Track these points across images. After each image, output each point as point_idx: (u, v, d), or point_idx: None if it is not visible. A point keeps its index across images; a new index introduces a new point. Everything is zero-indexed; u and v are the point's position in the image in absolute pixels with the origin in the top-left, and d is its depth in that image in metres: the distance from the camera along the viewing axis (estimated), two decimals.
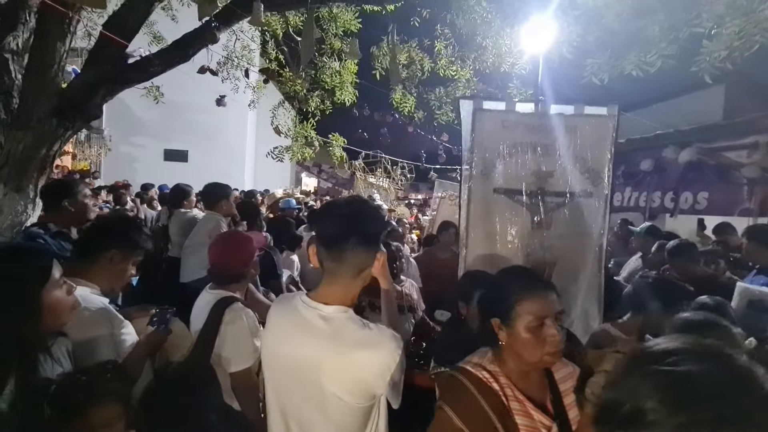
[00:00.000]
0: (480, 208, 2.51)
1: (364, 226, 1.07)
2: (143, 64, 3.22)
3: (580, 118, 2.54)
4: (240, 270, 1.64)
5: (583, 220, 2.49)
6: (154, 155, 13.15)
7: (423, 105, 5.27)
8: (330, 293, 1.10)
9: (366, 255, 1.09)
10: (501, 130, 2.50)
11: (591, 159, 2.50)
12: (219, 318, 1.48)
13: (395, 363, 1.04)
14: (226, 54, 5.64)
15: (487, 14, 4.56)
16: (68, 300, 1.16)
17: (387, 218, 1.29)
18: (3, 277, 1.04)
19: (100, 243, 1.44)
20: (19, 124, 2.75)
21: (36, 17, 3.01)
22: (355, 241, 1.06)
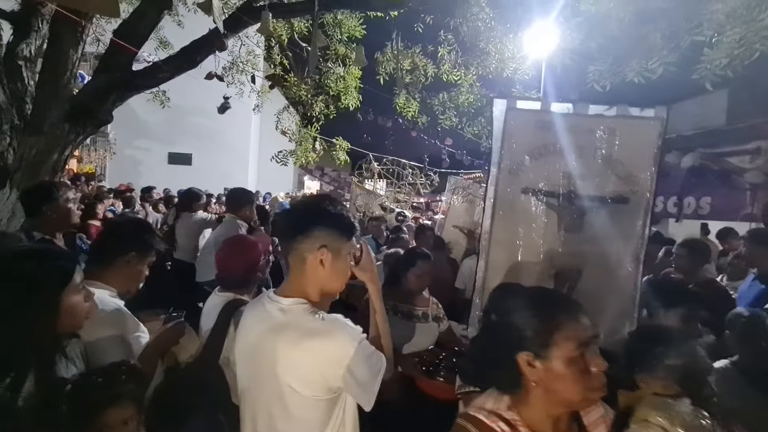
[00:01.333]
0: (506, 208, 2.39)
1: (303, 216, 1.12)
2: (153, 71, 3.29)
3: (621, 120, 2.39)
4: (246, 275, 1.67)
5: (617, 226, 2.31)
6: (159, 158, 13.25)
7: (426, 110, 5.32)
8: (289, 287, 1.13)
9: (306, 243, 1.09)
10: (534, 130, 2.39)
11: (630, 163, 2.34)
12: (227, 321, 1.51)
13: (349, 355, 1.02)
14: (231, 59, 5.72)
15: (490, 20, 4.61)
16: (84, 306, 1.18)
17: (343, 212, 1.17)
18: (26, 278, 1.06)
19: (116, 246, 1.48)
20: (31, 130, 2.82)
21: (48, 25, 3.08)
22: (293, 231, 1.10)
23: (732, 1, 2.22)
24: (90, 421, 1.12)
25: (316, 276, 1.10)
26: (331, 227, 1.10)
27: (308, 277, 1.11)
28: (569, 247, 2.33)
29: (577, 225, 2.33)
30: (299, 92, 5.48)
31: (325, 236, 1.09)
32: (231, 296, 1.61)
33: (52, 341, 1.11)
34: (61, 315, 1.09)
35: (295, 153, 6.24)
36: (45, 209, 2.01)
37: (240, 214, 2.88)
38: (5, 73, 2.92)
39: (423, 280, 2.26)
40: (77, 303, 1.15)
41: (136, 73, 3.25)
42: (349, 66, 5.35)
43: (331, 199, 1.17)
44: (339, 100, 5.44)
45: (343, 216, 1.13)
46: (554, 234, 2.36)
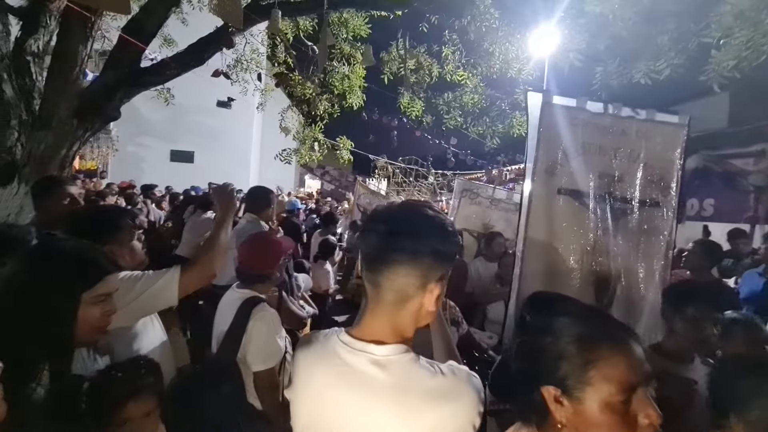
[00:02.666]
0: (542, 208, 2.28)
1: (410, 236, 0.78)
2: (161, 68, 3.30)
3: (650, 124, 2.39)
4: (266, 271, 1.67)
5: (650, 230, 2.31)
6: (161, 156, 13.26)
7: (431, 109, 5.34)
8: (379, 328, 0.81)
9: (415, 276, 0.78)
10: (570, 127, 2.30)
11: (659, 167, 2.34)
12: (246, 318, 1.51)
13: (479, 414, 0.77)
14: (235, 57, 5.73)
15: (495, 20, 4.63)
16: (97, 321, 1.09)
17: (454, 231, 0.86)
18: (48, 278, 1.03)
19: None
20: (40, 125, 2.82)
21: (57, 21, 3.09)
22: (393, 256, 0.77)
23: (740, 3, 2.24)
24: (113, 415, 1.13)
25: (420, 316, 0.81)
26: (448, 252, 0.80)
27: (411, 317, 0.81)
28: (607, 252, 2.25)
29: (613, 229, 2.27)
30: (304, 91, 5.49)
31: (440, 265, 0.79)
32: (249, 293, 1.61)
33: (67, 344, 1.06)
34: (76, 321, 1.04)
35: (299, 151, 6.25)
36: (48, 204, 2.01)
37: (262, 215, 2.82)
38: (13, 69, 2.93)
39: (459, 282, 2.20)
40: (90, 315, 1.07)
41: (143, 69, 3.26)
42: (354, 65, 5.36)
43: (435, 209, 0.85)
44: (344, 99, 5.46)
45: (455, 234, 0.84)
46: (592, 238, 2.27)
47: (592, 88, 3.10)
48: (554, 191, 2.29)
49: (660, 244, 2.31)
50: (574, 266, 2.24)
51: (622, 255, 2.26)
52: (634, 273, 2.26)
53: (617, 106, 2.39)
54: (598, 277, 2.22)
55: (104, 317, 1.10)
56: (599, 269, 2.23)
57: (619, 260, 2.25)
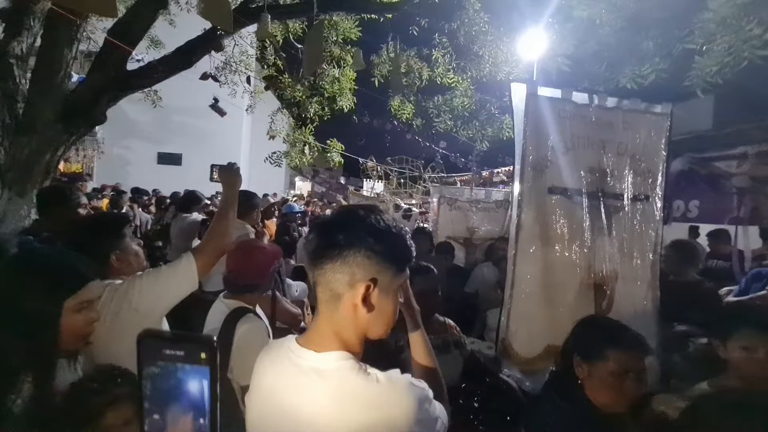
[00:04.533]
0: (533, 209, 2.14)
1: (343, 232, 0.78)
2: (148, 70, 3.25)
3: (636, 114, 2.29)
4: (255, 281, 1.64)
5: (641, 226, 2.22)
6: (148, 158, 13.05)
7: (421, 113, 5.36)
8: (321, 334, 0.81)
9: (344, 273, 0.78)
10: (557, 120, 2.16)
11: (646, 159, 2.26)
12: (232, 330, 1.48)
13: (416, 423, 0.77)
14: (224, 59, 5.68)
15: (485, 24, 4.67)
16: (81, 329, 1.08)
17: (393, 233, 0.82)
18: (29, 288, 1.02)
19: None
20: (24, 130, 2.76)
21: (42, 23, 3.03)
22: (326, 253, 0.78)
23: (722, 11, 2.29)
24: (92, 425, 1.10)
25: (358, 319, 0.80)
26: (383, 252, 0.79)
27: (346, 320, 0.80)
28: (602, 253, 2.14)
29: (607, 227, 2.16)
30: (294, 93, 5.46)
31: (373, 265, 0.78)
32: (235, 304, 1.58)
33: (50, 352, 1.05)
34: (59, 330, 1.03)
35: (289, 154, 6.22)
36: (58, 210, 2.07)
37: (248, 219, 2.79)
38: None
39: (429, 300, 1.67)
40: (72, 323, 1.06)
41: (130, 72, 3.21)
42: (344, 68, 5.36)
43: (379, 212, 0.84)
44: (334, 102, 5.45)
45: (399, 236, 0.83)
46: (587, 238, 2.15)
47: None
48: (544, 190, 2.16)
49: (652, 238, 2.25)
50: (571, 269, 2.14)
51: (618, 254, 2.17)
52: (630, 272, 2.19)
53: (602, 96, 2.32)
54: (596, 279, 2.13)
55: (87, 324, 1.09)
56: (596, 271, 2.14)
57: (616, 260, 2.16)
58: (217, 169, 1.75)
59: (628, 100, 2.35)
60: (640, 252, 2.22)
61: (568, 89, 2.30)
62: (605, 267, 2.14)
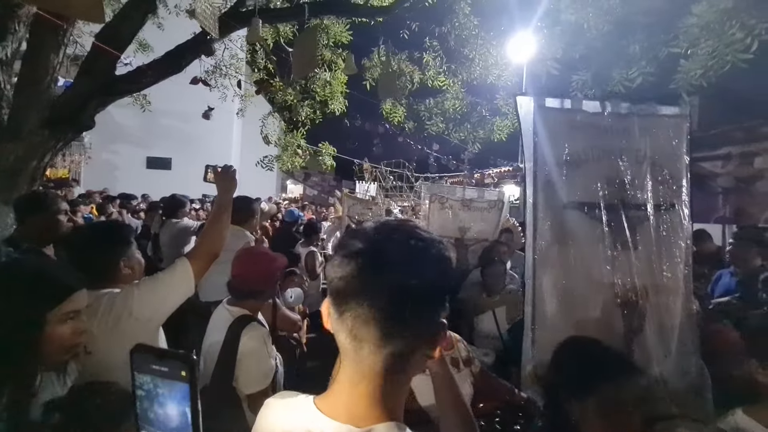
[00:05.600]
0: (549, 227, 2.02)
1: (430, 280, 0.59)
2: (137, 75, 3.21)
3: (653, 119, 2.18)
4: (260, 287, 1.64)
5: (669, 237, 2.07)
6: (136, 163, 12.88)
7: (413, 115, 5.38)
8: (355, 398, 0.60)
9: (426, 331, 0.60)
10: (568, 132, 2.08)
11: (668, 165, 2.12)
12: (237, 339, 1.48)
13: None
14: (214, 63, 5.64)
15: (474, 28, 4.72)
16: (67, 340, 1.06)
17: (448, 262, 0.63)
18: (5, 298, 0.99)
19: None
20: (9, 136, 2.70)
21: (28, 28, 2.97)
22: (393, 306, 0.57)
23: (706, 16, 2.35)
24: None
25: (406, 383, 0.64)
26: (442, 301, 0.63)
27: (406, 384, 0.64)
28: (628, 268, 2.00)
29: (632, 240, 2.02)
30: (285, 97, 5.45)
31: (443, 315, 0.62)
32: (239, 311, 1.58)
33: (31, 367, 1.03)
34: (42, 342, 1.01)
35: (281, 158, 6.19)
36: (36, 219, 2.00)
37: (247, 226, 2.76)
38: None
39: None
40: (59, 334, 1.03)
41: (119, 77, 3.16)
42: (336, 71, 5.36)
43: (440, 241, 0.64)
44: (326, 106, 5.44)
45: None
46: (611, 254, 2.00)
47: (569, 95, 3.19)
48: (560, 207, 2.04)
49: (682, 249, 2.07)
50: (596, 288, 2.00)
51: (646, 268, 2.02)
52: (661, 287, 2.02)
53: (615, 102, 2.20)
54: (624, 298, 1.98)
55: (75, 335, 1.07)
56: (623, 288, 1.99)
57: (644, 275, 2.00)
58: (211, 170, 1.75)
59: (644, 104, 2.25)
60: (669, 264, 2.04)
61: (578, 98, 2.29)
62: (633, 283, 1.99)
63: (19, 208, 2.19)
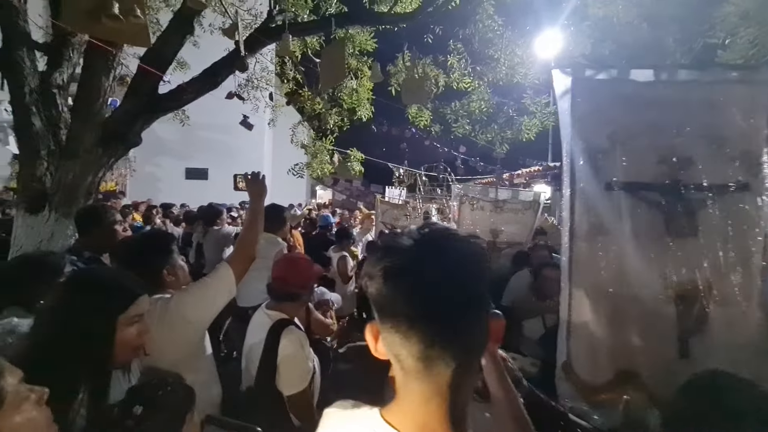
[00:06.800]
0: (588, 211, 1.81)
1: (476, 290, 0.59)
2: (177, 93, 3.43)
3: (721, 87, 1.84)
4: (297, 290, 1.72)
5: (740, 222, 1.74)
6: (176, 174, 13.60)
7: (439, 119, 5.40)
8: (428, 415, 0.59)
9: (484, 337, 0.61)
10: (614, 106, 1.83)
11: (741, 139, 1.78)
12: (276, 341, 1.57)
13: None
14: (246, 77, 5.89)
15: (499, 28, 4.69)
16: (134, 341, 1.16)
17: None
18: (83, 305, 1.11)
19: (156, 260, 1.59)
20: (67, 155, 2.97)
21: (81, 55, 3.26)
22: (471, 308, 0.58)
23: (744, 4, 2.26)
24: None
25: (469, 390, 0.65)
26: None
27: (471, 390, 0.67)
28: (685, 258, 1.73)
29: (689, 226, 1.74)
30: (314, 106, 5.61)
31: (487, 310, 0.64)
32: (277, 315, 1.66)
33: (107, 365, 1.14)
34: (114, 344, 1.12)
35: (311, 165, 6.36)
36: (95, 230, 2.20)
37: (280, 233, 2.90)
38: (41, 102, 3.09)
39: None
40: (126, 336, 1.14)
41: (161, 96, 3.39)
42: (362, 78, 5.47)
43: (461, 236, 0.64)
44: (353, 113, 5.56)
45: None
46: (662, 241, 1.74)
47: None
48: (601, 187, 1.81)
49: (756, 238, 1.74)
50: (642, 280, 1.74)
51: (709, 259, 1.72)
52: (728, 282, 1.72)
53: (671, 69, 1.90)
54: (679, 292, 1.72)
55: (140, 336, 1.18)
56: (678, 281, 1.72)
57: (705, 268, 1.72)
58: (241, 179, 1.88)
59: (713, 69, 1.96)
60: (740, 255, 1.72)
61: (627, 65, 1.95)
62: (690, 276, 1.72)
63: (79, 220, 2.42)
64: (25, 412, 0.75)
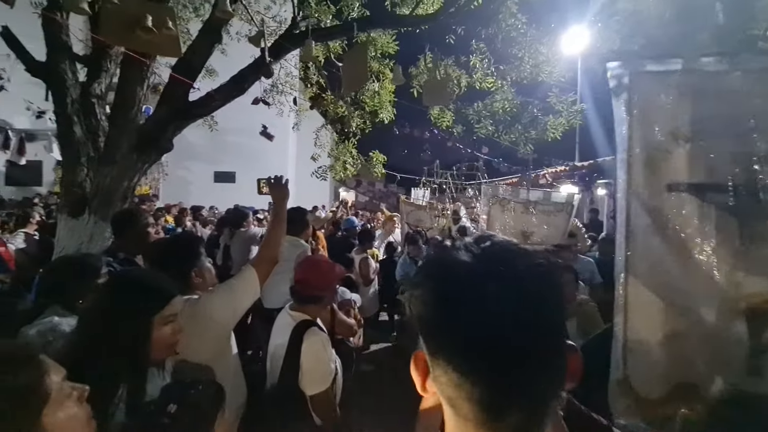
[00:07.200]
0: (646, 214, 1.68)
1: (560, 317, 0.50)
2: (206, 100, 3.56)
3: None
4: (320, 292, 1.74)
5: None
6: (206, 177, 14.07)
7: (461, 119, 5.35)
8: None
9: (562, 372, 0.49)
10: (678, 100, 1.69)
11: None
12: (299, 342, 1.60)
13: None
14: (271, 82, 6.04)
15: (523, 26, 4.60)
16: (168, 339, 1.22)
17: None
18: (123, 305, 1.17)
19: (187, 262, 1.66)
20: (105, 161, 3.13)
21: (118, 65, 3.43)
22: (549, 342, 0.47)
23: None
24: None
25: None
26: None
27: None
28: (760, 266, 1.55)
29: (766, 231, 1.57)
30: (336, 110, 5.68)
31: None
32: (300, 316, 1.70)
33: (143, 365, 1.19)
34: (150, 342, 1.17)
35: (333, 168, 6.44)
36: (130, 232, 2.31)
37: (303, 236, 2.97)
38: (81, 111, 3.28)
39: None
40: (162, 335, 1.20)
41: (191, 103, 3.53)
42: (384, 81, 5.50)
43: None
44: (375, 115, 5.59)
45: None
46: (733, 248, 1.58)
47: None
48: (661, 188, 1.67)
49: None
50: (709, 289, 1.59)
51: None
52: None
53: (746, 57, 1.70)
54: (752, 304, 1.56)
55: (174, 335, 1.24)
56: (753, 293, 1.55)
57: None
58: (264, 183, 1.93)
59: None
60: None
61: (695, 53, 1.74)
62: (765, 287, 1.54)
63: (114, 223, 2.55)
64: (68, 408, 0.78)
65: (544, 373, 0.46)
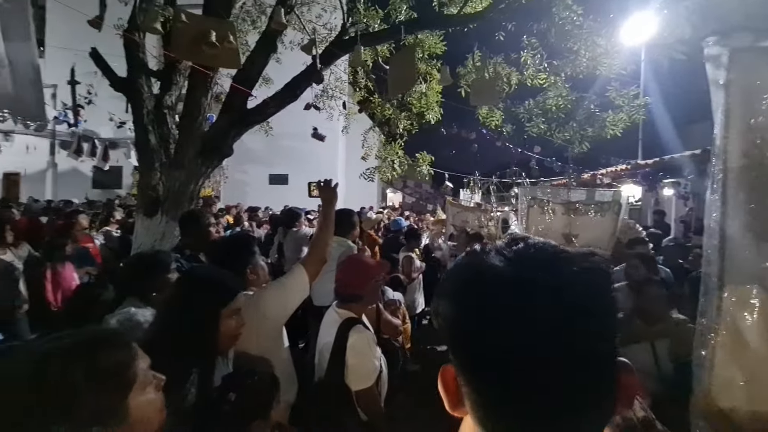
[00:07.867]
0: (747, 214, 1.51)
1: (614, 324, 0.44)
2: (262, 107, 3.79)
3: None
4: (357, 291, 1.77)
5: None
6: (261, 180, 14.90)
7: (511, 118, 5.19)
8: None
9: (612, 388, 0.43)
10: None
11: None
12: (345, 339, 1.65)
13: None
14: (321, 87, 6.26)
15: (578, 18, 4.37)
16: (233, 332, 1.32)
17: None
18: (196, 300, 1.30)
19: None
20: (175, 165, 3.44)
21: (186, 78, 3.76)
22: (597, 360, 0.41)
23: None
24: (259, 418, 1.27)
25: None
26: None
27: None
28: None
29: None
30: (384, 112, 5.76)
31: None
32: (346, 314, 1.76)
33: (214, 352, 1.30)
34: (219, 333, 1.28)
35: (381, 169, 6.53)
36: (195, 231, 2.54)
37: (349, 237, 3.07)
38: (155, 121, 3.63)
39: None
40: (228, 327, 1.31)
41: (249, 110, 3.77)
42: (431, 82, 5.48)
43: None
44: (422, 117, 5.60)
45: None
46: None
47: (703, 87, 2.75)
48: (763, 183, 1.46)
49: None
50: None
51: None
52: None
53: None
54: None
55: (237, 328, 1.35)
56: None
57: None
58: (315, 186, 2.02)
59: None
60: None
61: None
62: None
63: (181, 222, 2.80)
64: (149, 393, 0.85)
65: (590, 396, 0.40)
